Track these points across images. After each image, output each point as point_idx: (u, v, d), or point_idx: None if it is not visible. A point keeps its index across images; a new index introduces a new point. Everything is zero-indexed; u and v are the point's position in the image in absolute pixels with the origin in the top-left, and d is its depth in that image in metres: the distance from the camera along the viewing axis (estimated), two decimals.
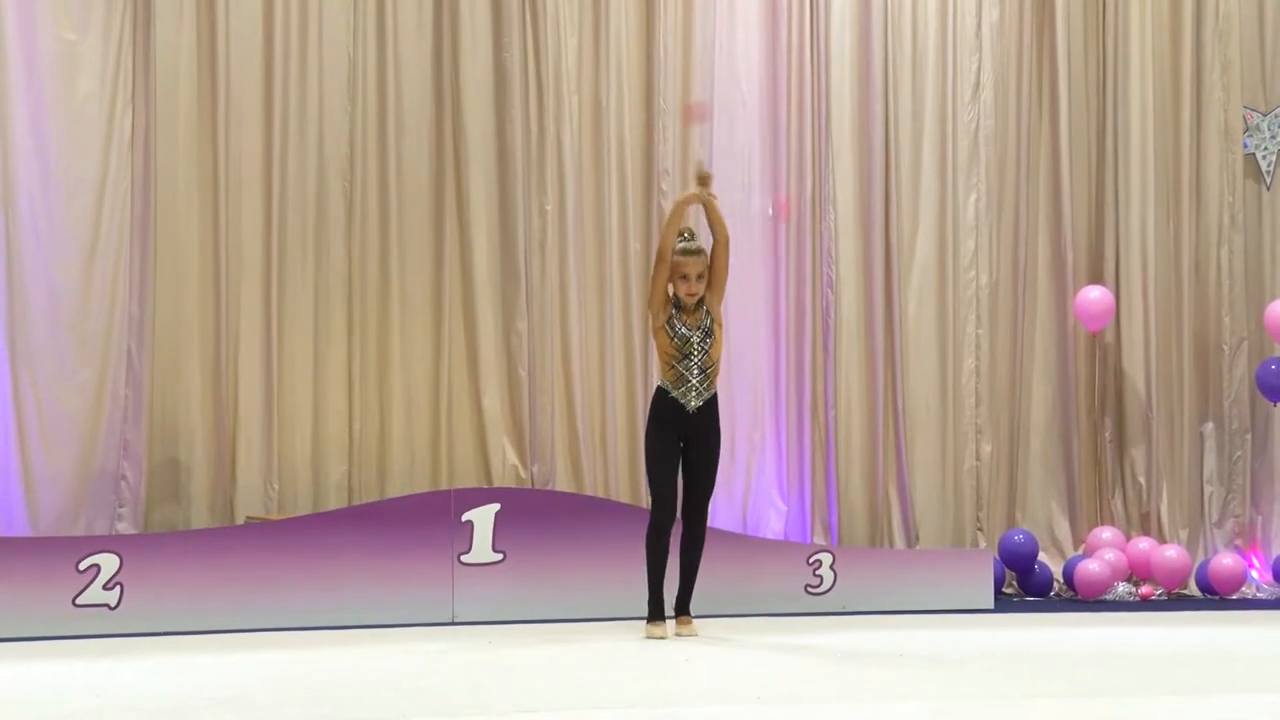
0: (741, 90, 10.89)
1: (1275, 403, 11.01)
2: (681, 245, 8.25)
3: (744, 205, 10.82)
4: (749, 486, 10.72)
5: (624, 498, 10.32)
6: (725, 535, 9.70)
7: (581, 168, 10.50)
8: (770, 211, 9.22)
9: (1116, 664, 7.27)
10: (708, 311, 8.22)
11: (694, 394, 8.16)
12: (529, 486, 10.09)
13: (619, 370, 10.51)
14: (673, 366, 8.14)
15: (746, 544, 9.72)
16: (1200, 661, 7.46)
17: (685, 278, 8.17)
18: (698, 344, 8.15)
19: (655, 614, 8.16)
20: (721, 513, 10.55)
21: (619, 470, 10.43)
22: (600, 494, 10.25)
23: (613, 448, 10.42)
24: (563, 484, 10.26)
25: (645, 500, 10.31)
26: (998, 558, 10.58)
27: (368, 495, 9.85)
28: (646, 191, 10.64)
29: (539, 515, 9.03)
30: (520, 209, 10.29)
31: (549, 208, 10.38)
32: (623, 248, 10.57)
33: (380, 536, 8.70)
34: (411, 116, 10.18)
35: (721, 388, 10.60)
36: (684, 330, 8.14)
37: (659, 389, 8.25)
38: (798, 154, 10.95)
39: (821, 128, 10.99)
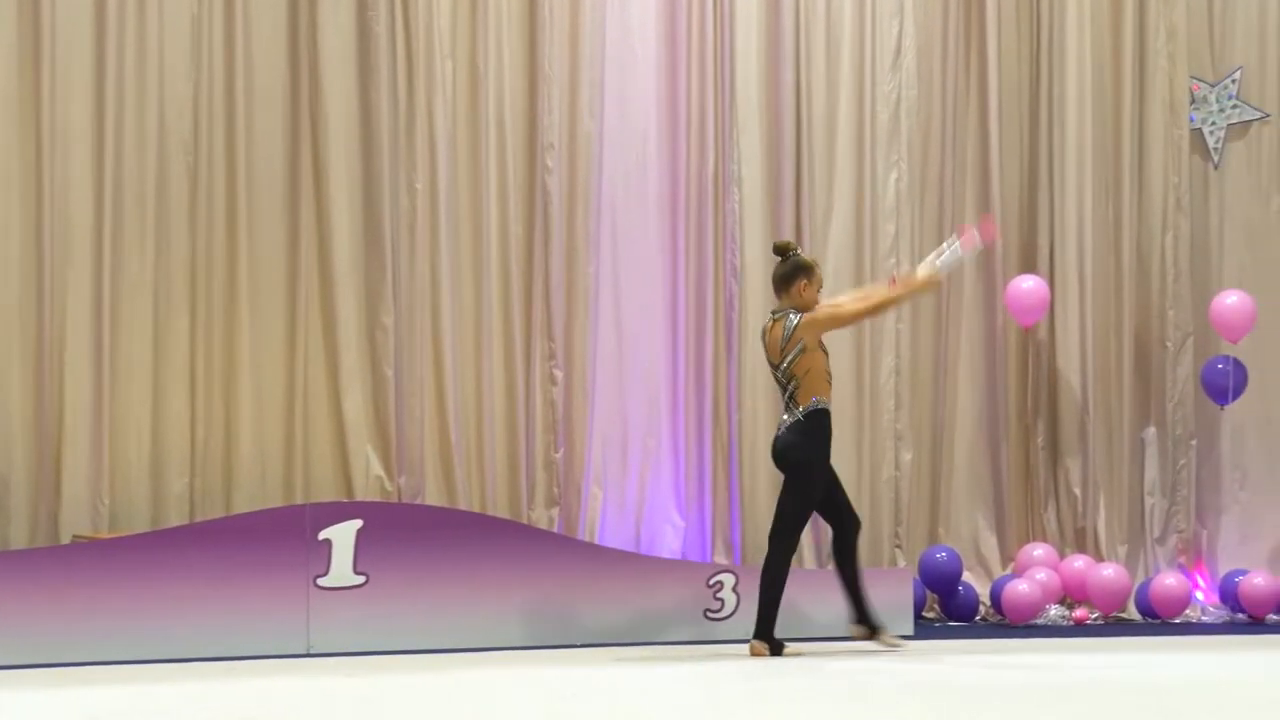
0: (636, 55, 10.88)
1: (1223, 405, 11.14)
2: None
3: (639, 183, 10.82)
4: (643, 499, 10.71)
5: (502, 512, 10.29)
6: (615, 554, 9.72)
7: (456, 142, 10.45)
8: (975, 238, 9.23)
9: (1048, 697, 7.34)
10: None
11: None
12: (395, 500, 10.03)
13: (497, 370, 10.47)
14: (829, 385, 8.89)
15: (639, 564, 9.73)
16: (1141, 693, 7.55)
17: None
18: None
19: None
20: (611, 528, 10.56)
21: (497, 482, 10.39)
22: (476, 509, 10.22)
23: (490, 456, 10.38)
24: (433, 497, 10.22)
25: (527, 515, 10.30)
26: (918, 578, 10.65)
27: (212, 511, 9.75)
28: (529, 168, 10.61)
29: (406, 532, 8.98)
30: (386, 188, 10.22)
31: (419, 186, 10.31)
32: (502, 231, 10.53)
33: (226, 557, 8.61)
34: (263, 83, 10.08)
35: (613, 389, 10.69)
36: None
37: (823, 410, 8.80)
38: (699, 126, 10.95)
39: (725, 98, 11.00)
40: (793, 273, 8.95)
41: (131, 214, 9.78)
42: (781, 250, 9.07)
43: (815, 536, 10.87)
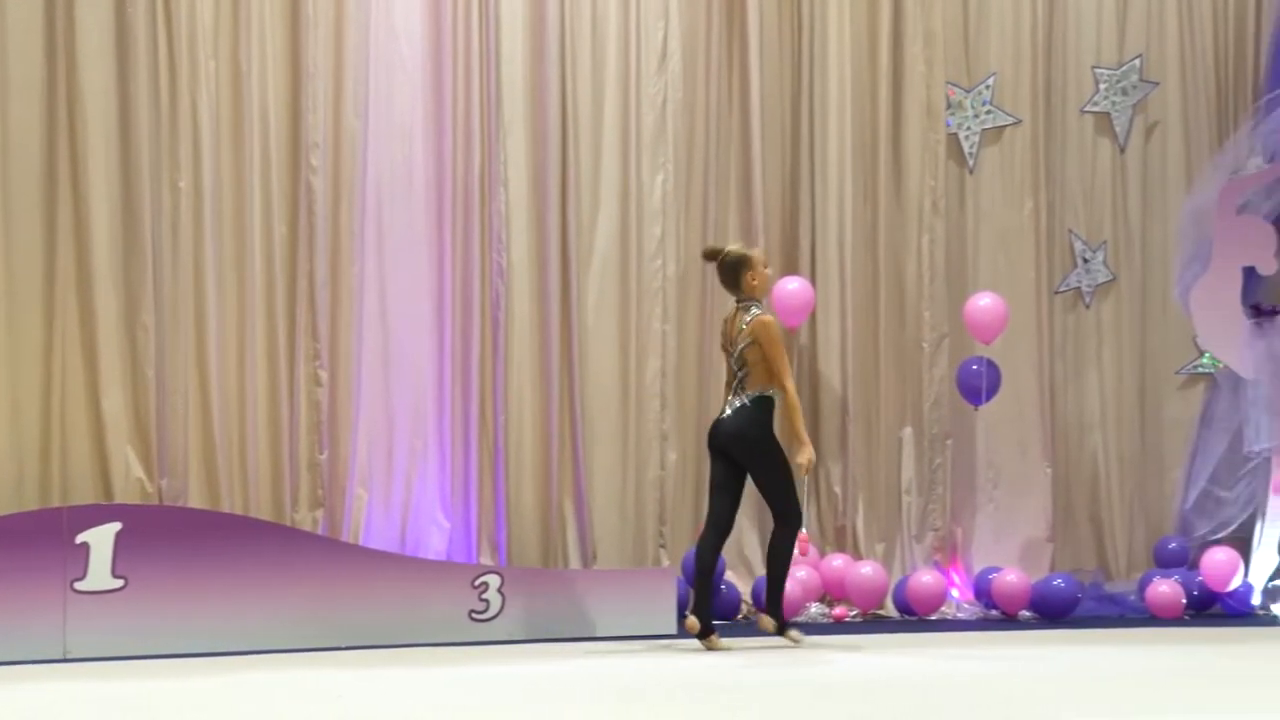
0: (402, 54, 10.90)
1: (977, 406, 11.45)
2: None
3: (405, 182, 10.85)
4: (408, 501, 10.74)
5: (266, 514, 10.27)
6: (380, 556, 9.75)
7: (220, 139, 10.41)
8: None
9: (805, 693, 7.52)
10: None
11: None
12: (156, 503, 9.97)
13: (261, 371, 10.45)
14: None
15: (404, 565, 9.76)
16: (901, 689, 7.77)
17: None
18: None
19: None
20: (376, 530, 10.60)
21: (260, 483, 10.37)
22: (239, 511, 10.19)
23: (254, 458, 10.36)
24: (196, 500, 10.17)
25: (290, 517, 10.30)
26: (681, 577, 10.76)
27: None
28: (293, 167, 10.60)
29: (168, 535, 8.94)
30: (147, 186, 10.15)
31: (182, 184, 10.27)
32: (266, 230, 10.51)
33: None
34: (17, 76, 9.95)
35: (378, 389, 10.71)
36: None
37: (769, 398, 9.31)
38: (465, 126, 11.00)
39: (491, 98, 11.06)
40: (734, 270, 9.44)
41: None
42: (711, 256, 9.55)
43: (581, 533, 11.00)
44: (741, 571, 11.32)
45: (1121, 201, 12.30)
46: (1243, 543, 11.73)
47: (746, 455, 9.34)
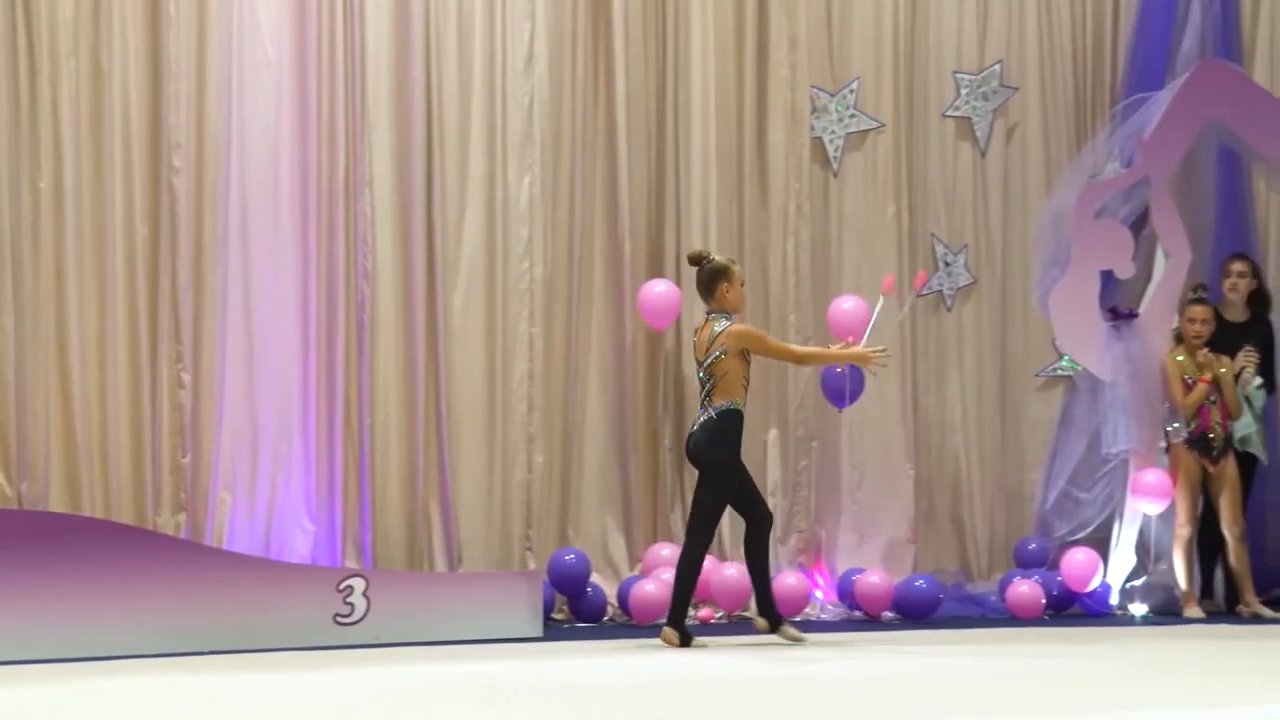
0: (267, 54, 10.89)
1: (840, 408, 11.56)
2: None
3: (269, 183, 10.84)
4: (273, 504, 10.74)
5: (128, 518, 10.24)
6: (244, 560, 9.74)
7: (80, 140, 10.38)
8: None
9: (673, 695, 7.62)
10: None
11: None
12: (16, 507, 9.91)
13: (123, 373, 10.42)
14: (745, 390, 9.74)
15: (268, 569, 9.75)
16: (764, 690, 7.88)
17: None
18: None
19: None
20: (241, 533, 10.59)
21: (122, 487, 10.33)
22: (101, 515, 10.14)
23: (116, 461, 10.32)
24: (57, 503, 10.12)
25: (153, 521, 10.27)
26: (547, 580, 10.84)
27: None
28: (154, 167, 10.59)
29: (26, 539, 8.86)
30: (6, 187, 10.12)
31: (42, 185, 10.24)
32: (128, 231, 10.48)
33: None
34: None
35: (242, 391, 10.70)
36: None
37: (735, 411, 9.65)
38: (329, 127, 11.00)
39: (356, 98, 11.06)
40: (711, 279, 9.79)
41: None
42: (695, 260, 9.84)
43: (447, 536, 11.04)
44: (608, 574, 11.38)
45: (982, 205, 12.50)
46: (1101, 543, 11.94)
47: (703, 468, 9.77)
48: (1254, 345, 11.89)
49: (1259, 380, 11.86)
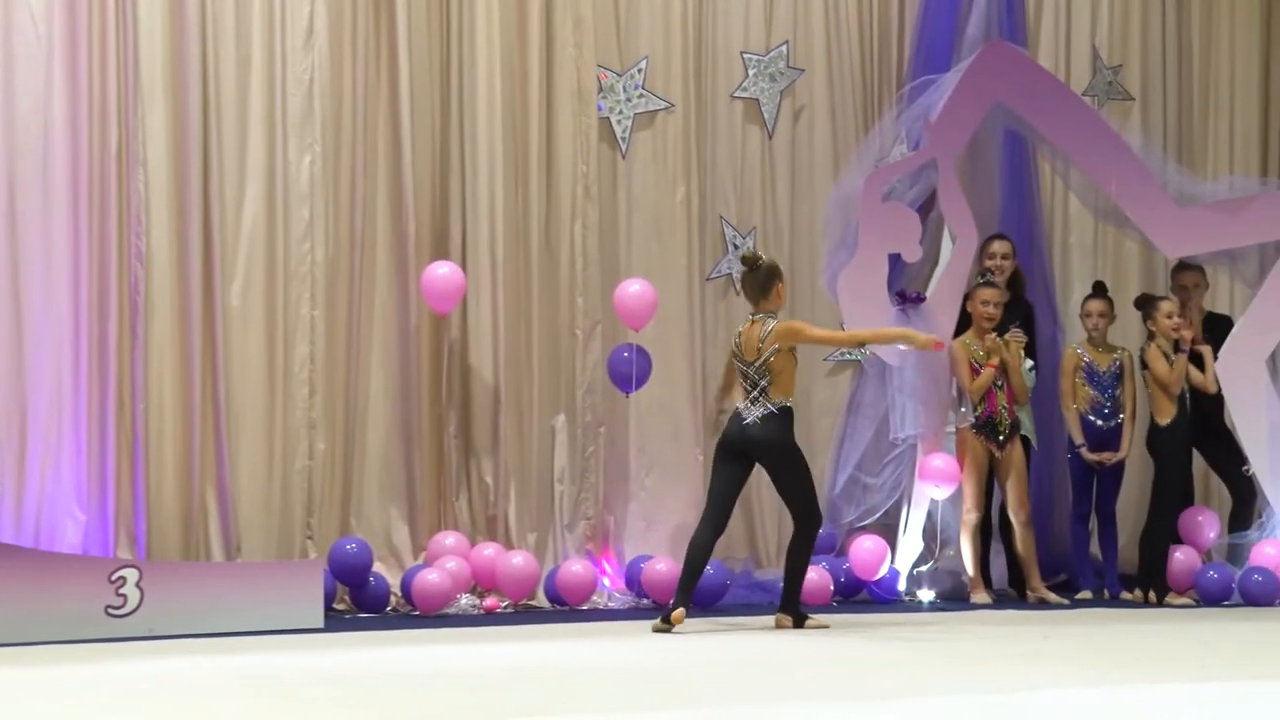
0: (38, 28, 10.65)
1: (628, 393, 11.63)
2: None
3: (39, 161, 10.63)
4: (43, 493, 10.54)
5: None
6: (11, 550, 9.59)
7: None
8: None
9: (452, 685, 7.64)
10: None
11: None
12: None
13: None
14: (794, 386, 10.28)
15: (37, 560, 9.61)
16: (540, 678, 7.93)
17: None
18: None
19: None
20: (7, 524, 10.40)
21: None
22: None
23: None
24: None
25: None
26: (328, 569, 10.78)
27: None
28: None
29: None
30: None
31: None
32: None
33: None
34: None
35: (11, 377, 10.52)
36: None
37: (790, 408, 10.20)
38: (100, 103, 10.80)
39: (129, 74, 10.87)
40: (768, 279, 10.29)
41: None
42: (750, 262, 10.35)
43: (224, 525, 10.95)
44: (392, 563, 11.33)
45: (770, 188, 12.62)
46: (889, 529, 12.13)
47: (775, 461, 10.27)
48: (1018, 325, 12.12)
49: (1030, 363, 12.09)
